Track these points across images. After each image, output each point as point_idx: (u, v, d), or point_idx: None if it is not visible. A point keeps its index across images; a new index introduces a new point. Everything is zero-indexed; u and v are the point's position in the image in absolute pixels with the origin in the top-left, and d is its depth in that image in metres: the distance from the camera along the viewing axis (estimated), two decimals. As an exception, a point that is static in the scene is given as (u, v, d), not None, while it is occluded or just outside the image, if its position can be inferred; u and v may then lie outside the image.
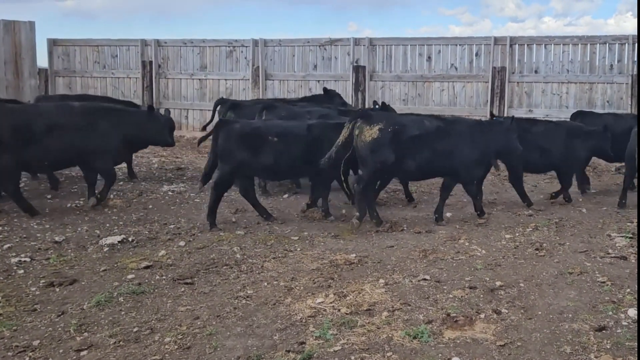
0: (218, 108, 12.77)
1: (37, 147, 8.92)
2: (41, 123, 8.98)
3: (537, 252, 7.47)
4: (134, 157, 12.57)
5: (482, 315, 5.50)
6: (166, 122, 11.05)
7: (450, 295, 5.99)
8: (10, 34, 18.58)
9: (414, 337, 5.04)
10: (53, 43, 20.65)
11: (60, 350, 4.89)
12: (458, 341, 5.00)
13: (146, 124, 10.43)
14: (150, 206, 9.88)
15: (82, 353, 4.82)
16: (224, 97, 18.23)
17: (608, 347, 4.93)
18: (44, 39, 20.74)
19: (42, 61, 20.47)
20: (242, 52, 19.00)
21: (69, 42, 20.73)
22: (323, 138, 8.75)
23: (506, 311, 5.62)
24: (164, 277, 6.54)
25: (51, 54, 20.63)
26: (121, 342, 5.00)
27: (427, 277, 6.49)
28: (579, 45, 16.32)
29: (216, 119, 11.20)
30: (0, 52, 18.40)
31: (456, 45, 17.26)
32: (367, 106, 16.97)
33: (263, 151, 8.57)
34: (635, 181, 11.10)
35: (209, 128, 11.27)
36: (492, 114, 14.44)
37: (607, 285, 6.31)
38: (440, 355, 4.76)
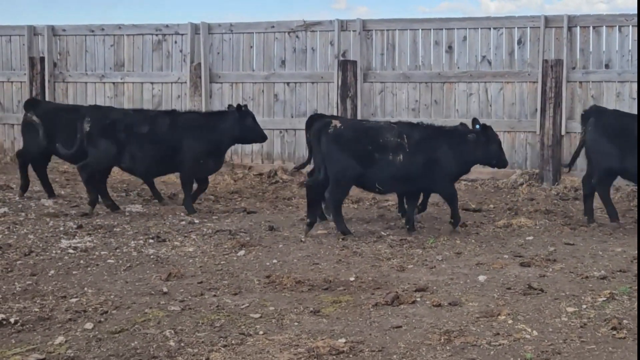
0: None
1: None
2: None
3: (614, 332, 7.44)
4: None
5: None
6: None
7: (488, 399, 5.98)
8: None
9: None
10: None
11: None
12: None
13: None
14: (43, 271, 9.80)
15: None
16: (151, 107, 18.23)
17: None
18: None
19: None
20: (175, 42, 19.05)
21: None
22: None
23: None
24: (61, 378, 6.48)
25: None
26: None
27: (453, 372, 6.48)
28: (672, 26, 16.27)
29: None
30: None
31: (489, 28, 17.35)
32: (360, 117, 16.96)
33: None
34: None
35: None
36: None
37: None
38: None
